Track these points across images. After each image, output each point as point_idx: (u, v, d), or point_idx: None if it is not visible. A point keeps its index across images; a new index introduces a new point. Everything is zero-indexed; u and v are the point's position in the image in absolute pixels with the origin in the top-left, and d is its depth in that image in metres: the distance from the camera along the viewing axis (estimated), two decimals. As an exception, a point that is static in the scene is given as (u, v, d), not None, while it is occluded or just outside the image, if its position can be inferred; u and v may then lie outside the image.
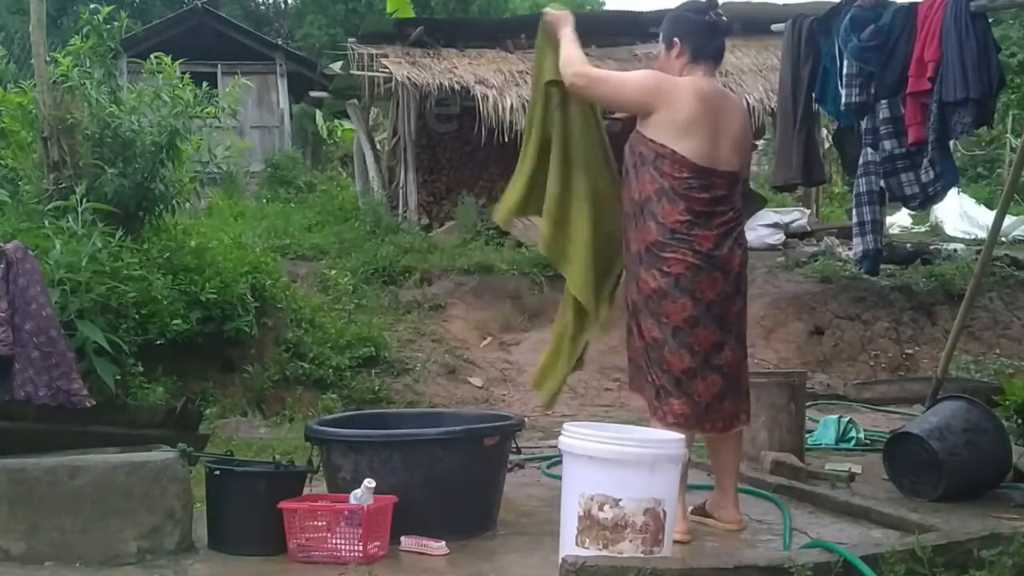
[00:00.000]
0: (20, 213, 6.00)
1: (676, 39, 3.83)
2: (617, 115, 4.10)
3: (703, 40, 3.80)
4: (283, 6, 27.19)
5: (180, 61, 6.85)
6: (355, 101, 13.13)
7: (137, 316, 5.91)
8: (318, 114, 18.16)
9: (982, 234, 11.10)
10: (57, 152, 6.11)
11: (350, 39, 12.48)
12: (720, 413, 3.71)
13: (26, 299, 4.37)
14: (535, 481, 4.84)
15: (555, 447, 3.43)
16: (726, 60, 11.59)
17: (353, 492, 3.51)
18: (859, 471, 4.72)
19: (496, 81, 11.19)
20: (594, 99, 3.89)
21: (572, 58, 3.78)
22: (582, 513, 3.07)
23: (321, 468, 3.88)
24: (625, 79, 3.82)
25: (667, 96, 3.67)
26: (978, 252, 7.80)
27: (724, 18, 3.86)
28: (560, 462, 3.39)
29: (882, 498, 4.21)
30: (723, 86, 10.45)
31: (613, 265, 3.97)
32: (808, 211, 12.24)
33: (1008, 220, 10.29)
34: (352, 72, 12.00)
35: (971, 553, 2.92)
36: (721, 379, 3.68)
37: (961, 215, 13.40)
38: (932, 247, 10.70)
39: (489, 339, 8.70)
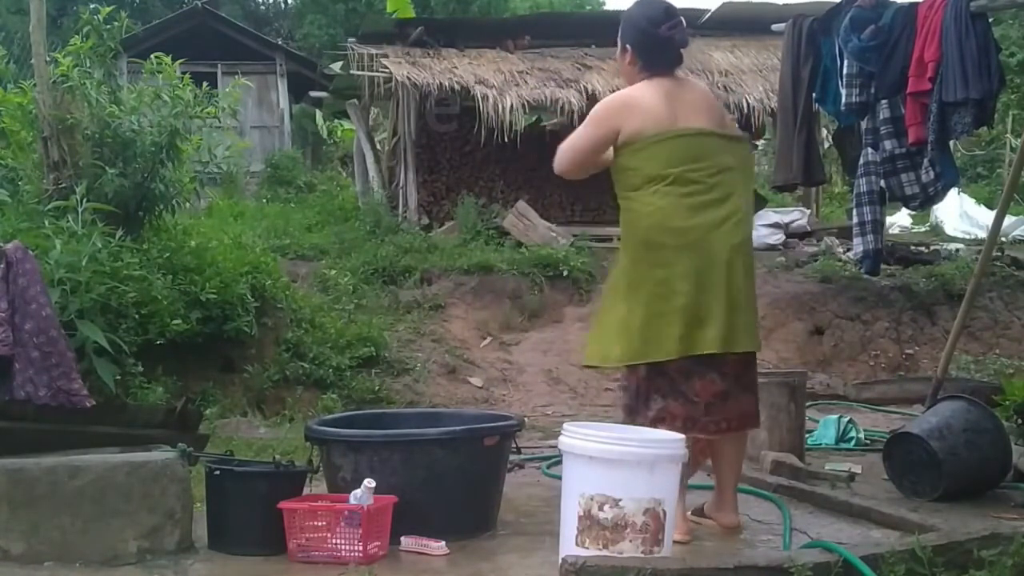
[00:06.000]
0: (20, 213, 6.00)
1: (628, 46, 3.72)
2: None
3: (654, 55, 3.67)
4: (283, 6, 27.21)
5: (180, 61, 6.84)
6: (355, 101, 13.13)
7: (137, 316, 5.90)
8: (318, 114, 18.16)
9: (982, 234, 11.11)
10: (57, 152, 6.10)
11: (350, 39, 12.48)
12: (723, 413, 3.63)
13: (26, 299, 4.38)
14: (535, 481, 4.84)
15: (555, 447, 3.42)
16: (726, 60, 11.80)
17: (353, 492, 3.51)
18: (859, 471, 4.72)
19: (496, 81, 11.20)
20: (575, 168, 3.74)
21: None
22: (582, 513, 3.07)
23: (321, 468, 3.88)
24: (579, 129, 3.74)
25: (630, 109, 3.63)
26: (978, 252, 7.80)
27: (679, 29, 3.65)
28: (560, 462, 3.39)
29: (882, 498, 4.21)
30: (717, 86, 10.56)
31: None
32: (808, 211, 12.24)
33: (1008, 220, 10.29)
34: (352, 72, 11.99)
35: (971, 553, 2.92)
36: (720, 378, 3.63)
37: (961, 215, 13.42)
38: (932, 247, 10.70)
39: (489, 339, 8.70)
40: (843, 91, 5.92)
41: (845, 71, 5.87)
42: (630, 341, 3.60)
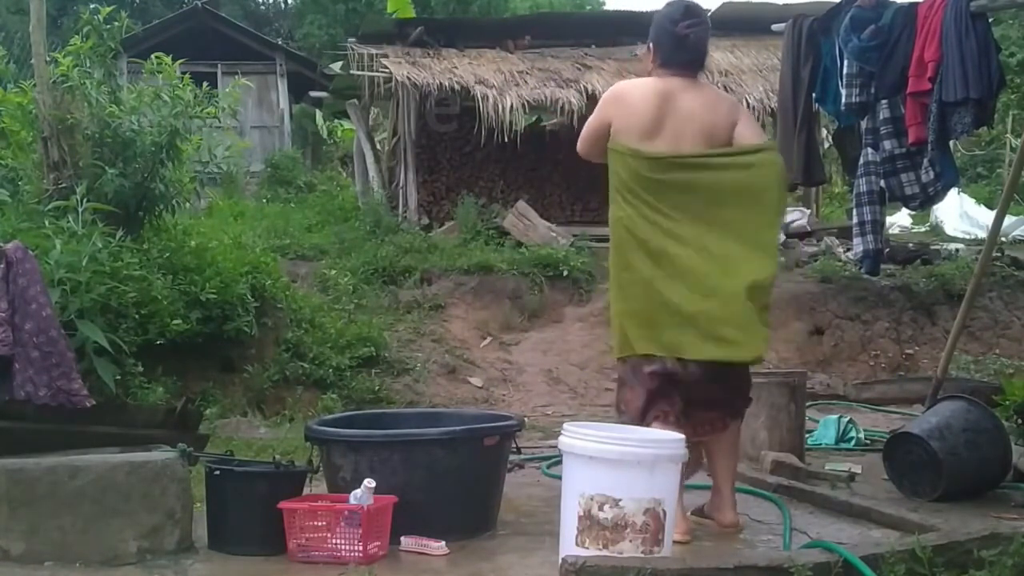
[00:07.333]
0: (20, 213, 6.00)
1: (650, 43, 3.86)
2: None
3: (670, 52, 3.78)
4: (283, 6, 27.23)
5: (180, 61, 6.84)
6: (355, 101, 13.12)
7: (137, 316, 5.90)
8: (318, 114, 18.15)
9: (982, 234, 11.11)
10: (57, 152, 6.10)
11: (350, 39, 12.48)
12: (695, 417, 3.70)
13: (26, 299, 4.37)
14: (535, 481, 4.84)
15: (555, 447, 3.43)
16: (726, 60, 11.80)
17: (353, 492, 3.51)
18: (859, 471, 4.72)
19: (496, 81, 11.20)
20: (586, 151, 3.90)
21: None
22: (582, 513, 3.07)
23: (321, 468, 3.88)
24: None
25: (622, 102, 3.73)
26: (978, 252, 7.80)
27: (697, 29, 3.76)
28: (560, 462, 3.39)
29: (882, 498, 4.22)
30: (717, 86, 10.55)
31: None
32: (808, 211, 12.25)
33: (1008, 220, 10.30)
34: (352, 72, 11.99)
35: (971, 553, 2.92)
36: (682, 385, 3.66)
37: (961, 215, 13.42)
38: (932, 247, 10.70)
39: (489, 339, 8.70)
40: (843, 91, 5.92)
41: (845, 71, 5.86)
42: (614, 336, 3.82)
